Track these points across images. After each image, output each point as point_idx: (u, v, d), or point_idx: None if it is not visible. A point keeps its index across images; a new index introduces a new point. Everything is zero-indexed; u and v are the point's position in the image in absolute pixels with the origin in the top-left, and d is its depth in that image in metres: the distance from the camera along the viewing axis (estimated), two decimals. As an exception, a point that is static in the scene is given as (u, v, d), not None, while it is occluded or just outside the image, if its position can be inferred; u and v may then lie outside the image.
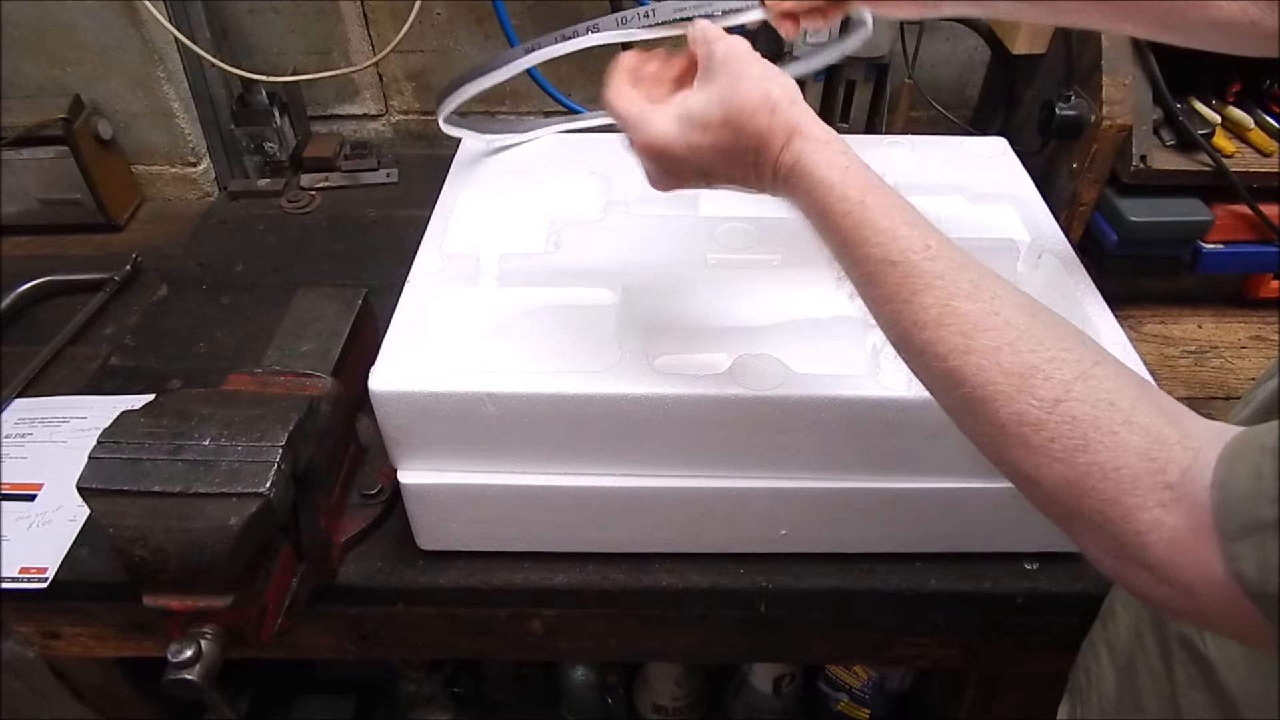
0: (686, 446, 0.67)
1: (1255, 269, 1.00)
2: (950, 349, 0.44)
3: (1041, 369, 0.42)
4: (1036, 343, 0.43)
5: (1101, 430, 0.40)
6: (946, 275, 0.46)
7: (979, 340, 0.44)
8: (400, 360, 0.66)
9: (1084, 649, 0.68)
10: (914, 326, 0.46)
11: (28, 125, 1.09)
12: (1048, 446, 0.41)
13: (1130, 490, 0.39)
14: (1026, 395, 0.42)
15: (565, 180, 0.87)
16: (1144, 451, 0.39)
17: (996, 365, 0.43)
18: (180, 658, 0.60)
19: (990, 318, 0.44)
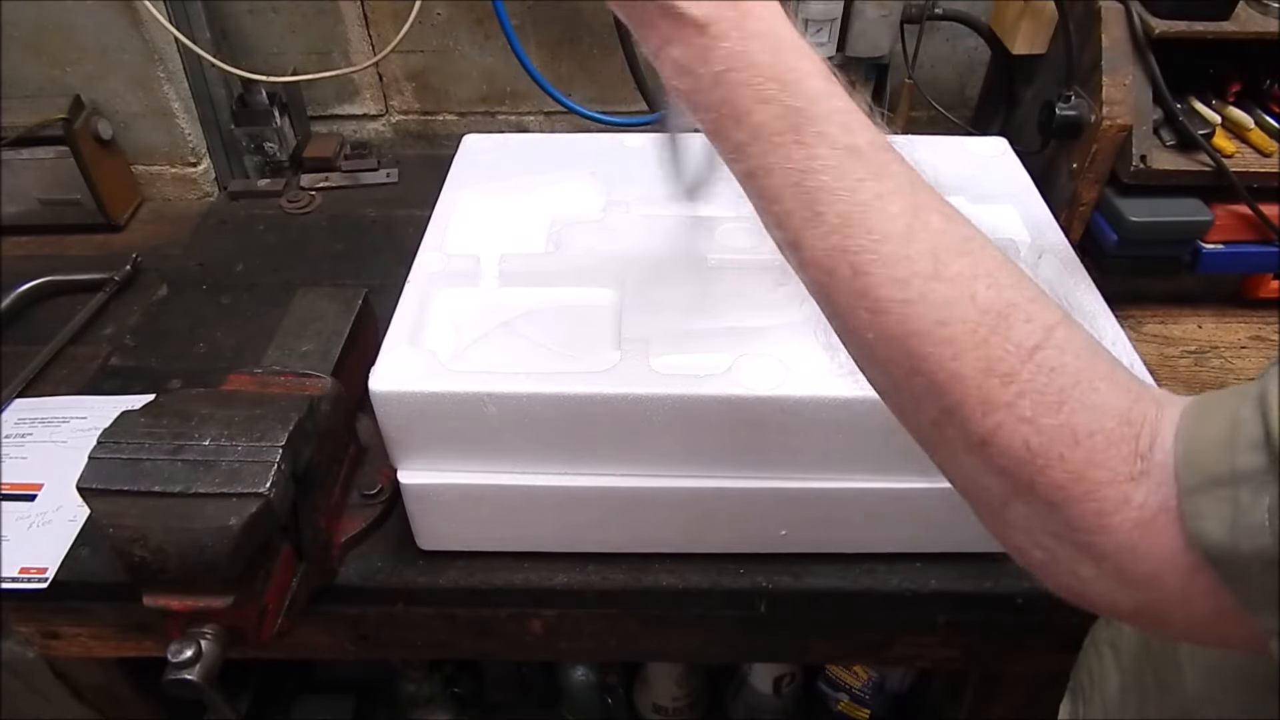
0: (686, 446, 0.67)
1: (1255, 269, 1.00)
2: (914, 272, 0.36)
3: (1023, 308, 0.35)
4: (1018, 277, 0.36)
5: (1082, 385, 0.34)
6: (918, 183, 0.38)
7: (952, 266, 0.36)
8: (400, 360, 0.66)
9: (1086, 648, 0.68)
10: (869, 237, 0.37)
11: (28, 125, 1.08)
12: (1015, 403, 0.34)
13: (1101, 461, 0.33)
14: (1001, 338, 0.34)
15: (565, 180, 0.87)
16: (1123, 412, 0.34)
17: (970, 298, 0.35)
18: (180, 658, 0.60)
19: (967, 242, 0.37)
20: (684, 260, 0.77)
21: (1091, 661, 0.65)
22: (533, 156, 0.91)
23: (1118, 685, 0.61)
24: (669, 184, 0.63)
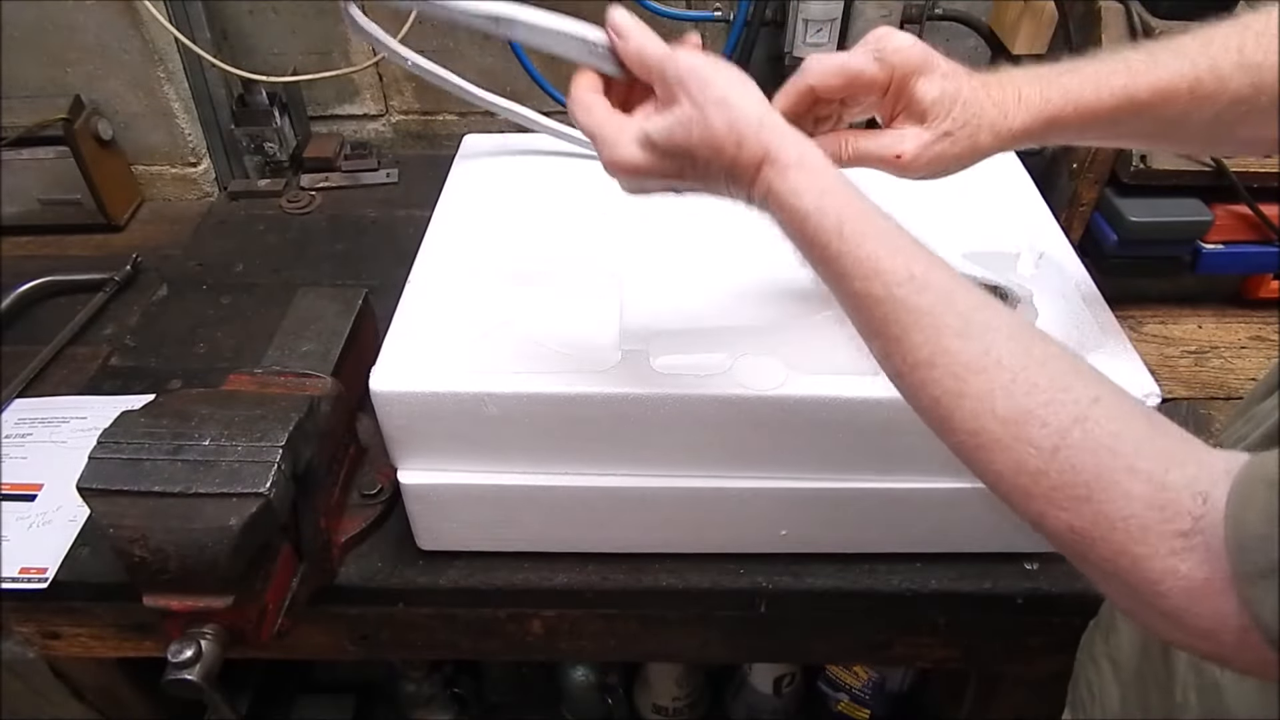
0: (687, 446, 0.67)
1: (1255, 269, 1.00)
2: (943, 392, 0.42)
3: (1037, 414, 0.40)
4: (1031, 385, 0.41)
5: (1103, 480, 0.38)
6: (935, 310, 0.43)
7: (972, 384, 0.42)
8: (401, 360, 0.66)
9: (1083, 661, 0.68)
10: (905, 365, 0.44)
11: (28, 125, 1.09)
12: (1050, 495, 0.39)
13: (1139, 540, 0.37)
14: (1023, 444, 0.40)
15: (566, 180, 0.87)
16: (1149, 500, 0.37)
17: (990, 412, 0.41)
18: (180, 658, 0.60)
19: (981, 358, 0.42)
20: (684, 260, 0.77)
21: (1090, 675, 0.65)
22: (534, 157, 0.91)
23: (1118, 698, 0.61)
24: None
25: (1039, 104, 0.55)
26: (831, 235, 0.45)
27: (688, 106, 0.48)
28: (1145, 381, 0.64)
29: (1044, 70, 0.56)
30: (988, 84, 0.55)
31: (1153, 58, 0.54)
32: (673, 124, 0.49)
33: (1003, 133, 0.55)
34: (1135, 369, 0.65)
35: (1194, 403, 0.92)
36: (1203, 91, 0.53)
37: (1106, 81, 0.54)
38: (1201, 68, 0.53)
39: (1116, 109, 0.54)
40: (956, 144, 0.55)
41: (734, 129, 0.48)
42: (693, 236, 0.80)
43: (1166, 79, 0.53)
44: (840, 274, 0.46)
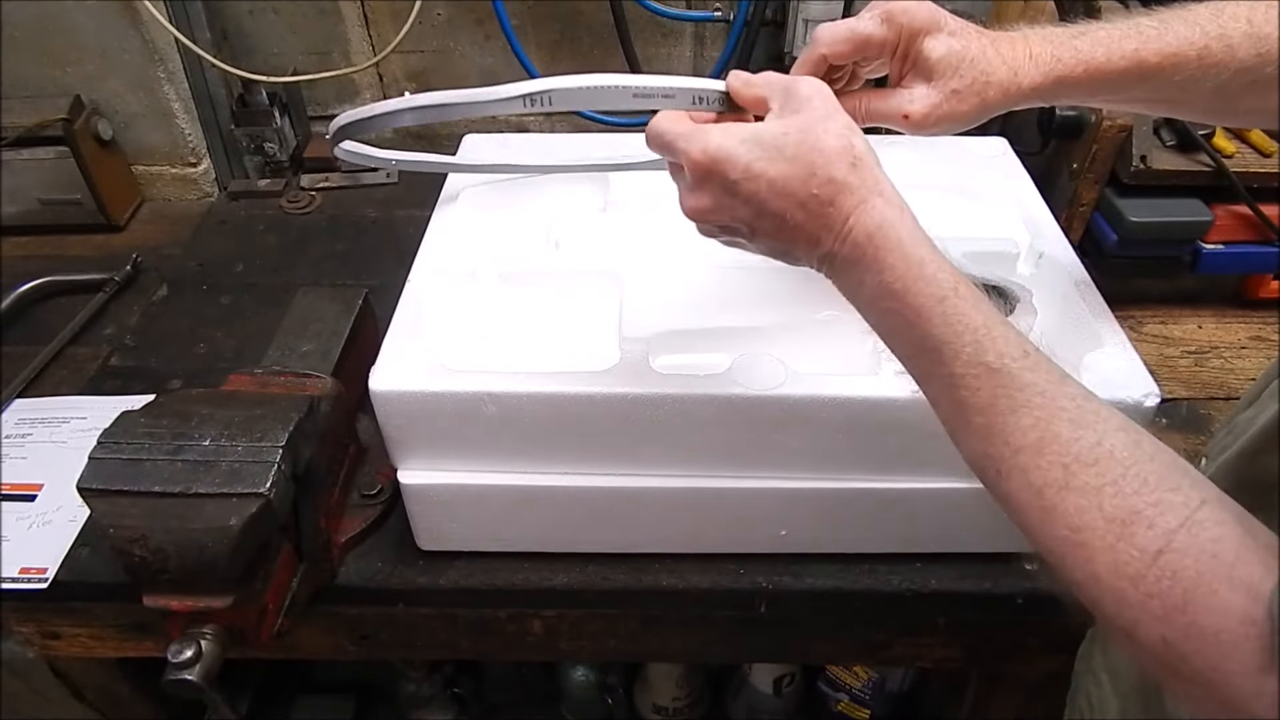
0: (686, 446, 0.67)
1: (1255, 269, 1.00)
2: (1047, 482, 0.40)
3: (1145, 514, 0.38)
4: (1141, 483, 0.38)
5: (1202, 589, 0.36)
6: (1048, 392, 0.41)
7: (1080, 476, 0.39)
8: (400, 360, 0.66)
9: (1081, 673, 0.67)
10: (1006, 448, 0.41)
11: (28, 125, 1.09)
12: (1145, 603, 0.37)
13: (1231, 655, 0.35)
14: (1127, 544, 0.37)
15: (566, 180, 0.87)
16: (1244, 614, 0.35)
17: (1098, 508, 0.38)
18: (180, 658, 0.60)
19: (1094, 449, 0.39)
20: (684, 260, 0.77)
21: (1090, 687, 0.65)
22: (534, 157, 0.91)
23: (1118, 710, 0.61)
24: None
25: (1050, 63, 0.55)
26: (946, 290, 0.43)
27: (809, 116, 0.46)
28: (1145, 381, 0.64)
29: (1058, 31, 0.56)
30: (998, 41, 0.55)
31: (1164, 24, 0.55)
32: (788, 125, 0.46)
33: (1012, 91, 0.55)
34: (1135, 369, 0.65)
35: (1194, 403, 0.92)
36: (1210, 59, 0.53)
37: (1118, 45, 0.54)
38: (1211, 35, 0.53)
39: (1125, 72, 0.54)
40: (964, 101, 0.55)
41: (852, 150, 0.46)
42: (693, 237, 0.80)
43: (1175, 45, 0.54)
44: (945, 338, 0.42)
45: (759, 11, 1.04)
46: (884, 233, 0.44)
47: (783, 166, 0.46)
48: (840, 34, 0.55)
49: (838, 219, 0.45)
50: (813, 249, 0.47)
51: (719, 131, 0.47)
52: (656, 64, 1.28)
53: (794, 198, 0.46)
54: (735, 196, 0.47)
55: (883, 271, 0.44)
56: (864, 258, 0.45)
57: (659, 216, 0.81)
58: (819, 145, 0.45)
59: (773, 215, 0.47)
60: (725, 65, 1.12)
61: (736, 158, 0.46)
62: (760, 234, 0.49)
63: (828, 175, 0.45)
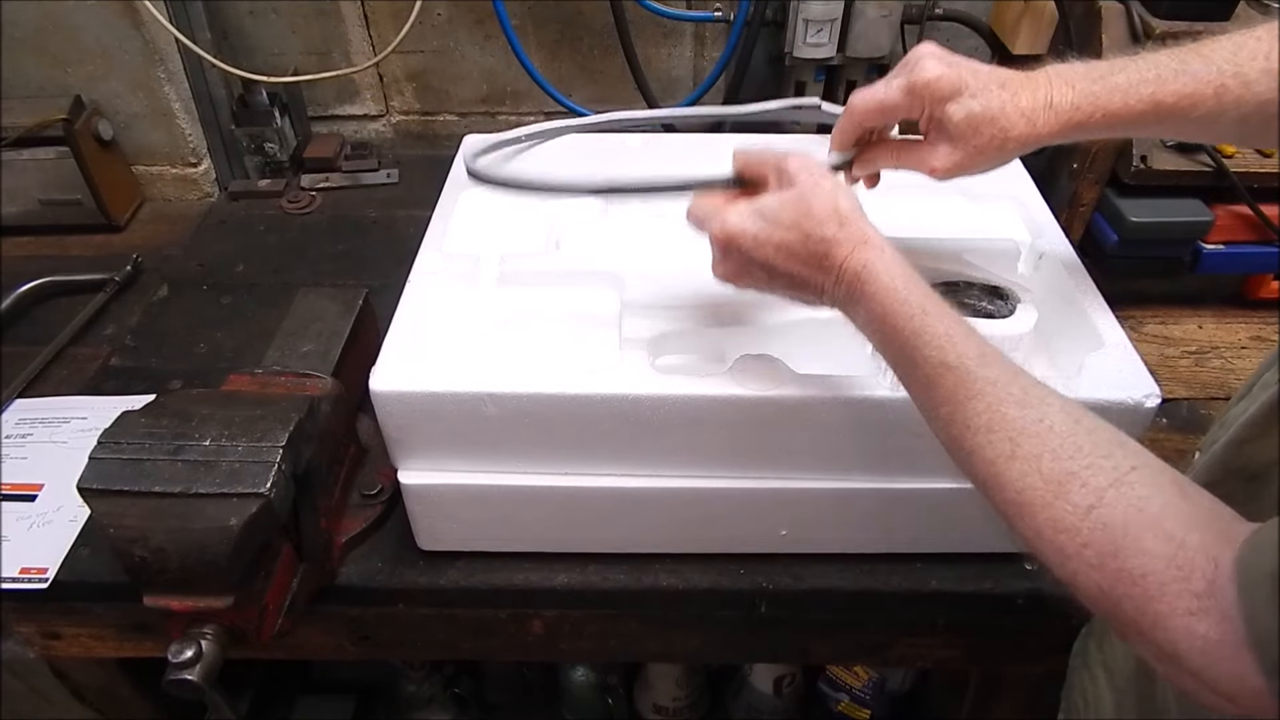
0: (687, 447, 0.67)
1: (1256, 269, 1.00)
2: (997, 454, 0.46)
3: (1079, 475, 0.43)
4: (1076, 449, 0.44)
5: (1129, 536, 0.40)
6: (999, 382, 0.48)
7: (1023, 446, 0.45)
8: (401, 360, 0.66)
9: (1075, 668, 0.68)
10: (966, 430, 0.48)
11: (28, 126, 1.09)
12: (1081, 553, 0.42)
13: (1157, 596, 0.39)
14: (1063, 501, 0.43)
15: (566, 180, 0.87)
16: (1169, 558, 0.39)
17: (1037, 471, 0.44)
18: (181, 658, 0.60)
19: (1036, 424, 0.46)
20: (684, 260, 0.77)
21: (1085, 682, 0.66)
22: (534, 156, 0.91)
23: (1113, 704, 0.61)
24: None
25: (1068, 111, 0.58)
26: (916, 310, 0.51)
27: (800, 190, 0.56)
28: (1146, 382, 0.64)
29: (1077, 73, 0.58)
30: (1018, 94, 0.58)
31: (1183, 63, 0.56)
32: (784, 198, 0.56)
33: (1030, 139, 0.59)
34: (1135, 369, 0.65)
35: (1194, 403, 0.92)
36: (1228, 96, 0.55)
37: (1135, 90, 0.57)
38: (1227, 73, 0.55)
39: (1143, 114, 0.57)
40: (984, 154, 0.60)
41: (838, 212, 0.55)
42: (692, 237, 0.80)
43: (1192, 85, 0.56)
44: (916, 345, 0.50)
45: (759, 11, 1.04)
46: (868, 272, 0.53)
47: (783, 234, 0.56)
48: (871, 105, 0.62)
49: (833, 268, 0.55)
50: (820, 295, 0.57)
51: (733, 211, 0.58)
52: (657, 64, 1.28)
53: (797, 257, 0.56)
54: (751, 263, 0.58)
55: (870, 302, 0.53)
56: (856, 294, 0.54)
57: (659, 217, 0.82)
58: (810, 212, 0.55)
59: (783, 274, 0.57)
60: (725, 65, 1.12)
61: (746, 232, 0.57)
62: (778, 288, 0.59)
63: (820, 235, 0.54)
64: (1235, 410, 0.57)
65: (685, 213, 0.63)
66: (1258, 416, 0.51)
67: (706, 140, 0.97)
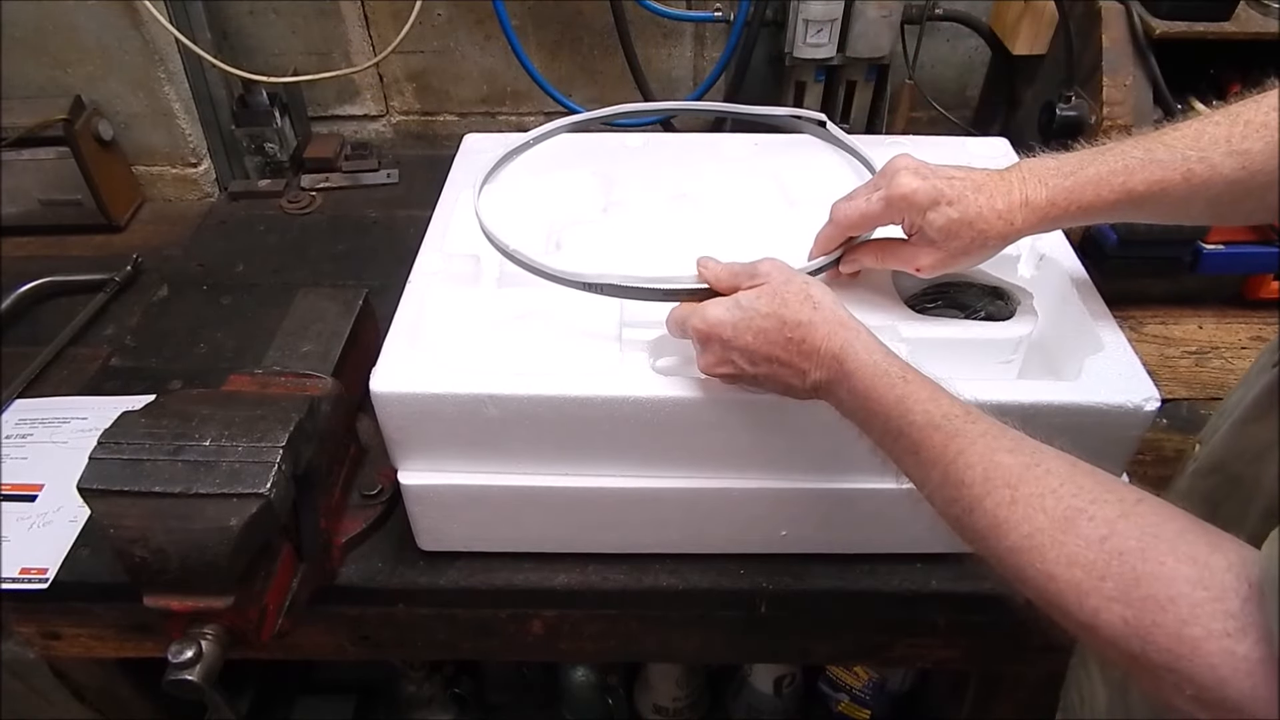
0: (687, 447, 0.67)
1: (1256, 270, 1.00)
2: (997, 502, 0.45)
3: (1085, 510, 0.42)
4: (1077, 488, 0.43)
5: (1150, 562, 0.39)
6: (989, 434, 0.48)
7: (1023, 489, 0.44)
8: (401, 361, 0.66)
9: (1074, 666, 0.68)
10: (960, 486, 0.47)
11: (28, 126, 1.09)
12: (1100, 586, 0.40)
13: (1190, 620, 0.37)
14: (1073, 537, 0.42)
15: (566, 181, 0.87)
16: (1195, 579, 0.38)
17: (1042, 511, 0.43)
18: (181, 658, 0.60)
19: (1032, 468, 0.45)
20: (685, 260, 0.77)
21: (1081, 680, 0.66)
22: (534, 157, 0.91)
23: (1106, 699, 0.62)
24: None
25: (1044, 207, 0.61)
26: (897, 380, 0.52)
27: (774, 283, 0.59)
28: (1145, 386, 0.64)
29: (1048, 171, 0.61)
30: (994, 197, 0.61)
31: (1149, 153, 0.58)
32: (760, 290, 0.58)
33: (1009, 235, 0.62)
34: (1135, 372, 0.65)
35: (1194, 403, 0.92)
36: (1196, 180, 0.57)
37: (1107, 181, 0.59)
38: (1192, 159, 0.57)
39: (1116, 202, 0.59)
40: (965, 253, 0.64)
41: (810, 298, 0.57)
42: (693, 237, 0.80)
43: (1160, 173, 0.57)
44: (902, 413, 0.51)
45: (759, 11, 1.04)
46: (846, 352, 0.55)
47: (760, 321, 0.57)
48: (854, 217, 0.66)
49: (812, 352, 0.56)
50: (803, 379, 0.57)
51: (712, 305, 0.60)
52: (657, 64, 1.28)
53: (775, 343, 0.57)
54: (731, 350, 0.59)
55: (852, 380, 0.54)
56: (836, 374, 0.55)
57: (660, 217, 0.82)
58: (784, 299, 0.57)
59: (764, 360, 0.58)
60: (725, 65, 1.12)
61: (725, 321, 0.59)
62: (761, 378, 0.59)
63: (797, 320, 0.56)
64: (1234, 398, 0.58)
65: (665, 321, 0.64)
66: (1260, 398, 0.51)
67: (706, 140, 0.97)
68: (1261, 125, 0.55)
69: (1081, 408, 0.63)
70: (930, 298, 0.73)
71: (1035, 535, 0.43)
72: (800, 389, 0.58)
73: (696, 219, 0.82)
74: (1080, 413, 0.63)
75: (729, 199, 0.84)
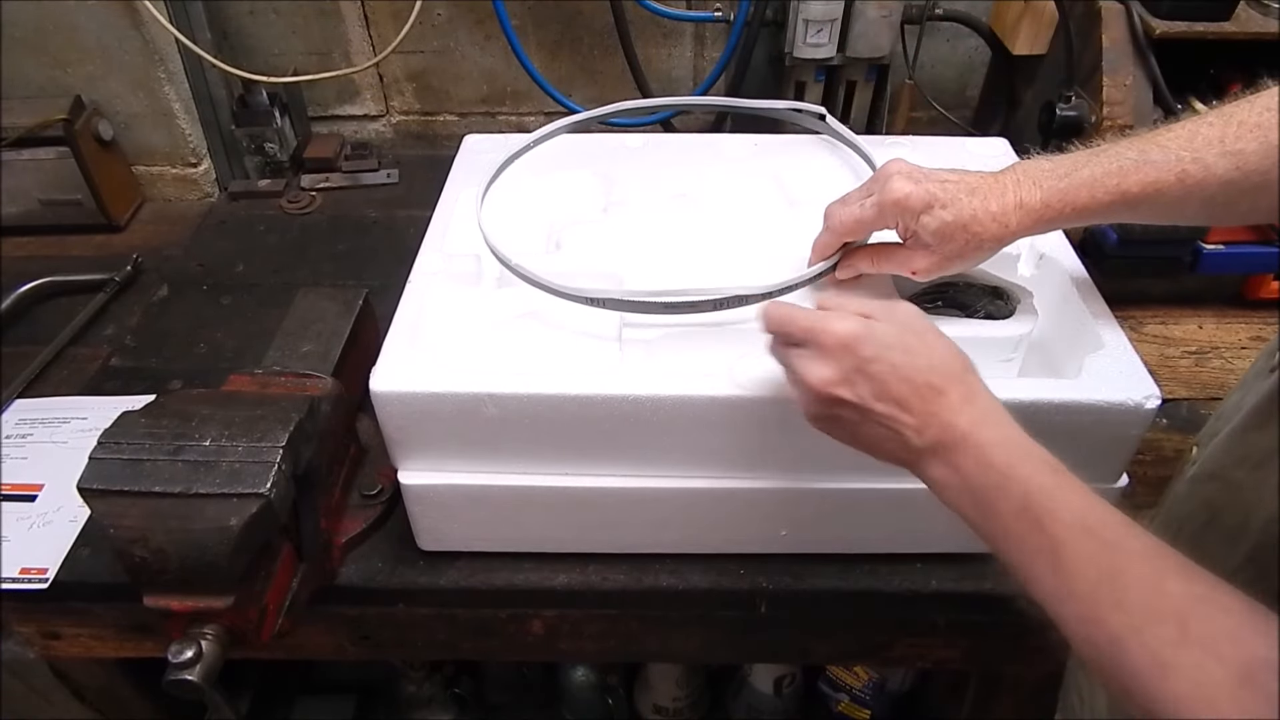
0: (687, 447, 0.67)
1: (1256, 269, 1.00)
2: (1161, 639, 0.40)
3: (1271, 661, 0.38)
4: (1258, 632, 0.39)
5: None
6: (1155, 553, 0.42)
7: (1195, 628, 0.39)
8: (401, 361, 0.66)
9: (1073, 668, 0.68)
10: (1114, 607, 0.42)
11: (28, 126, 1.09)
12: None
13: None
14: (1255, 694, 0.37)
15: (566, 180, 0.87)
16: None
17: (1217, 659, 0.38)
18: (181, 658, 0.60)
19: (1206, 603, 0.40)
20: (684, 260, 0.77)
21: (1080, 682, 0.66)
22: (534, 157, 0.91)
23: (1106, 703, 0.62)
24: None
25: (1039, 209, 0.60)
26: (1042, 465, 0.47)
27: (925, 321, 0.55)
28: (1146, 384, 0.64)
29: (1043, 173, 0.61)
30: (988, 199, 0.60)
31: (1143, 154, 0.58)
32: (905, 327, 0.53)
33: (1004, 237, 0.61)
34: (1135, 370, 0.65)
35: (1194, 403, 0.92)
36: (1190, 180, 0.56)
37: (1101, 183, 0.59)
38: (1186, 160, 0.56)
39: (1111, 204, 0.59)
40: (960, 256, 0.63)
41: (961, 355, 0.53)
42: (693, 237, 0.80)
43: (1154, 174, 0.57)
44: (1045, 504, 0.46)
45: (759, 11, 1.04)
46: (986, 418, 0.50)
47: (904, 356, 0.52)
48: (849, 223, 0.65)
49: (945, 407, 0.51)
50: (920, 435, 0.52)
51: (852, 316, 0.54)
52: (657, 64, 1.28)
53: (911, 384, 0.51)
54: (861, 373, 0.52)
55: (986, 451, 0.49)
56: (963, 441, 0.50)
57: (659, 217, 0.82)
58: (933, 345, 0.53)
59: (890, 399, 0.52)
60: (725, 65, 1.12)
61: (870, 339, 0.52)
62: (871, 417, 0.53)
63: (946, 368, 0.52)
64: (1232, 401, 0.57)
65: (761, 314, 0.58)
66: (1260, 404, 0.51)
67: (706, 140, 0.97)
68: (1255, 126, 0.55)
69: (1082, 406, 0.63)
70: (930, 297, 0.73)
71: (1208, 686, 0.38)
72: (907, 447, 0.52)
73: (696, 219, 0.82)
74: (1080, 411, 0.63)
75: (729, 199, 0.84)
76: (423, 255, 0.77)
